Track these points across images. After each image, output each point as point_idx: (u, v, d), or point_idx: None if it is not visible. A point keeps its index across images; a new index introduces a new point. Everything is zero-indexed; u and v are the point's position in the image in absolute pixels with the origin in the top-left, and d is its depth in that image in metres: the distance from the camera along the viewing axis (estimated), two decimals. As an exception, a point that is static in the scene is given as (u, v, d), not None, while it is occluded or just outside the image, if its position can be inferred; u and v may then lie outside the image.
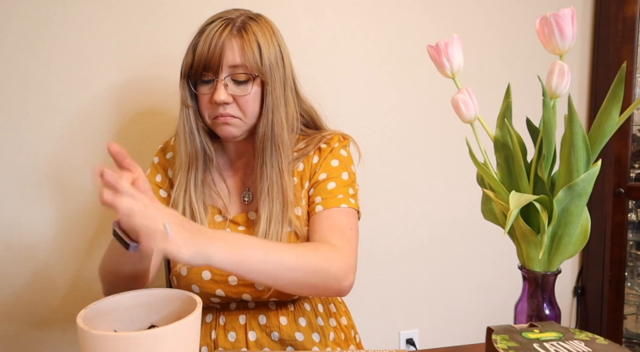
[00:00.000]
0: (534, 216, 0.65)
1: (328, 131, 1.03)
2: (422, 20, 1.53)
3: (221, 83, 0.89)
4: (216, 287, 0.92)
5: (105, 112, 1.27)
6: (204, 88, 0.91)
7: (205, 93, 0.91)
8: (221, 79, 0.89)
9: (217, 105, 0.90)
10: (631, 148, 1.69)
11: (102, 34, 1.25)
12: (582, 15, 1.69)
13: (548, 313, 0.68)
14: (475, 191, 0.78)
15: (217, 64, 0.88)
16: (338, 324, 1.01)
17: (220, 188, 1.00)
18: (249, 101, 0.91)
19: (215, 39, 0.88)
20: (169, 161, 1.03)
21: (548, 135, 0.65)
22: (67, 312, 1.29)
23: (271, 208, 0.92)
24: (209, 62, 0.88)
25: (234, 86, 0.90)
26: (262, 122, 0.92)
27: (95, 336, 0.57)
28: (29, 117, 1.23)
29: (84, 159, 1.27)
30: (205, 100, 0.92)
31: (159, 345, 0.57)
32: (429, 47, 0.69)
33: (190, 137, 0.95)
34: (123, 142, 1.29)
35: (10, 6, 1.19)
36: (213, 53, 0.88)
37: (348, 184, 0.96)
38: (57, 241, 1.27)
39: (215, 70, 0.89)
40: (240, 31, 0.89)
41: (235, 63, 0.88)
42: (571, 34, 0.61)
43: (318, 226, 0.92)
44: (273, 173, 0.93)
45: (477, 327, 1.66)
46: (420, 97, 1.56)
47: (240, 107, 0.91)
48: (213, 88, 0.90)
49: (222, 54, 0.88)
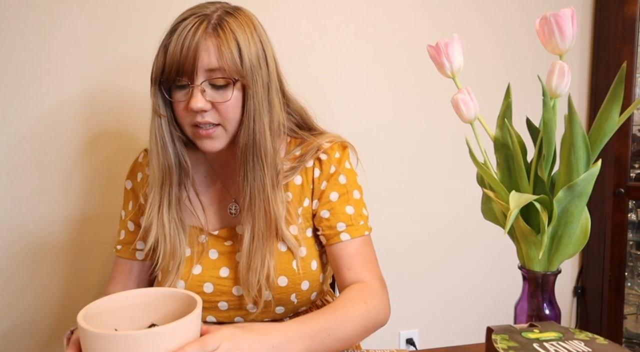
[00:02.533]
0: (534, 216, 0.65)
1: (325, 136, 0.95)
2: (422, 20, 1.53)
3: (197, 89, 0.79)
4: (206, 314, 0.90)
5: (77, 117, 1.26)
6: (179, 94, 0.82)
7: (180, 100, 0.82)
8: (197, 84, 0.79)
9: (194, 112, 0.81)
10: (631, 148, 1.69)
11: (72, 35, 1.25)
12: (582, 15, 1.69)
13: (548, 313, 0.68)
14: (475, 191, 0.77)
15: (191, 68, 0.78)
16: None
17: (194, 204, 0.92)
18: (229, 107, 0.82)
19: (189, 39, 0.78)
20: (140, 184, 0.95)
21: (548, 135, 0.64)
22: (64, 314, 1.29)
23: (254, 224, 0.85)
24: (183, 65, 0.78)
25: (212, 91, 0.81)
26: (243, 130, 0.83)
27: (96, 334, 0.57)
28: (18, 118, 1.23)
29: (51, 163, 1.26)
30: (181, 107, 0.82)
31: (159, 344, 0.57)
32: (429, 47, 0.69)
33: (163, 149, 0.85)
34: (115, 144, 1.29)
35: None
36: (186, 55, 0.78)
37: (362, 205, 0.93)
38: (53, 242, 1.27)
39: (190, 74, 0.79)
40: (216, 29, 0.79)
41: (212, 66, 0.79)
42: (571, 34, 0.61)
43: (349, 260, 0.89)
44: (255, 187, 0.84)
45: (477, 327, 1.66)
46: (420, 97, 1.56)
47: (220, 113, 0.82)
48: (189, 94, 0.80)
49: (196, 57, 0.78)
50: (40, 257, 1.26)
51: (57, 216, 1.26)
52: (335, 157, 0.92)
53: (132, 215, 0.96)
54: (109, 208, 1.28)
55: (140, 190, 0.95)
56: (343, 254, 0.89)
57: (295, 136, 0.95)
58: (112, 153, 1.29)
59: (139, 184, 0.96)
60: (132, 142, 1.29)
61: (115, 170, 1.27)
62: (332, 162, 0.92)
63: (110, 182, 1.28)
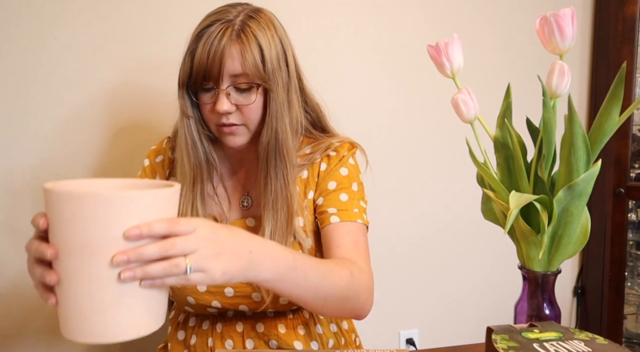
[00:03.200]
0: (534, 216, 0.65)
1: (336, 137, 0.99)
2: (422, 20, 1.53)
3: (223, 93, 0.84)
4: (212, 299, 0.90)
5: (97, 118, 1.27)
6: (205, 97, 0.87)
7: (207, 102, 0.87)
8: (222, 88, 0.84)
9: (219, 114, 0.86)
10: (631, 148, 1.69)
11: (96, 35, 1.25)
12: (582, 15, 1.69)
13: (548, 313, 0.68)
14: (475, 191, 0.78)
15: (217, 74, 0.83)
16: (339, 329, 1.00)
17: (219, 194, 0.96)
18: (252, 109, 0.87)
19: (215, 46, 0.82)
20: (158, 164, 1.00)
21: (548, 135, 0.65)
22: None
23: (276, 220, 0.88)
24: (209, 71, 0.83)
25: (237, 94, 0.86)
26: (265, 130, 0.88)
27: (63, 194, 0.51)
28: (18, 119, 1.23)
29: (72, 163, 1.27)
30: (207, 109, 0.88)
31: (130, 210, 0.52)
32: (429, 47, 0.69)
33: (193, 149, 0.90)
34: (116, 147, 1.29)
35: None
36: (213, 62, 0.83)
37: (359, 197, 0.94)
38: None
39: (216, 79, 0.84)
40: (239, 35, 0.84)
41: (236, 72, 0.84)
42: (571, 34, 0.61)
43: (340, 239, 0.88)
44: (278, 184, 0.89)
45: (477, 327, 1.66)
46: (420, 97, 1.56)
47: (244, 115, 0.87)
48: (215, 97, 0.86)
49: (222, 63, 0.83)
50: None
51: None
52: (344, 154, 0.96)
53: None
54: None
55: (158, 170, 0.99)
56: (333, 234, 0.89)
57: (309, 136, 0.99)
58: (130, 150, 1.29)
59: (158, 165, 1.00)
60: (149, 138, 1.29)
61: (133, 167, 1.27)
62: (338, 158, 0.96)
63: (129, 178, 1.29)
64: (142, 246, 0.52)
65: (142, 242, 0.53)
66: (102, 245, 0.51)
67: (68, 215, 0.51)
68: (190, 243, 0.55)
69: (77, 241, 0.51)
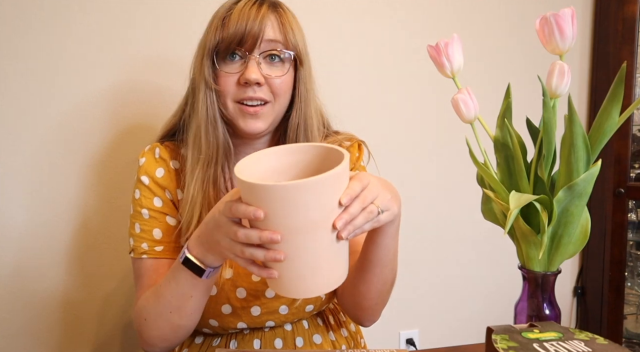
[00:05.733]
0: (534, 216, 0.65)
1: (342, 134, 0.97)
2: (422, 20, 1.53)
3: (254, 60, 0.79)
4: (237, 321, 0.86)
5: (101, 116, 1.27)
6: (230, 66, 0.81)
7: (232, 72, 0.81)
8: (255, 56, 0.79)
9: (246, 86, 0.80)
10: (631, 148, 1.69)
11: (98, 35, 1.25)
12: (582, 15, 1.69)
13: (548, 313, 0.68)
14: (476, 191, 0.77)
15: (254, 38, 0.78)
16: (349, 333, 0.99)
17: (229, 188, 0.89)
18: (283, 83, 0.82)
19: (254, 12, 0.79)
20: (164, 179, 0.87)
21: (548, 135, 0.64)
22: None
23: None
24: (247, 35, 0.78)
25: (268, 66, 0.81)
26: (295, 112, 0.85)
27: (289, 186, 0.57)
28: (21, 118, 1.23)
29: (74, 163, 1.26)
30: (230, 81, 0.81)
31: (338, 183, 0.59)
32: (429, 47, 0.69)
33: (213, 125, 0.83)
34: (121, 146, 1.29)
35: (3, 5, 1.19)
36: (252, 26, 0.78)
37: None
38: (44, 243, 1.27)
39: (251, 45, 0.79)
40: (276, 8, 0.82)
41: (275, 38, 0.80)
42: (571, 34, 0.61)
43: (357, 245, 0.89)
44: None
45: (477, 327, 1.66)
46: (420, 97, 1.56)
47: (273, 89, 0.81)
48: (244, 66, 0.80)
49: (261, 28, 0.79)
50: (75, 254, 1.26)
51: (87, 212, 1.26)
52: (355, 156, 0.96)
53: (168, 209, 0.88)
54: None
55: (167, 185, 0.88)
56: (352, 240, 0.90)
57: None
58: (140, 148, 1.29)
59: (164, 179, 0.88)
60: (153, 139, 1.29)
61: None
62: (352, 161, 0.95)
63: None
64: (349, 207, 0.61)
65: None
66: (323, 219, 0.59)
67: (293, 202, 0.57)
68: (373, 192, 0.64)
69: (301, 221, 0.58)
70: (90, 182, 1.27)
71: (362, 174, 0.65)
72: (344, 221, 0.60)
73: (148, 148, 0.92)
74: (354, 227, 0.61)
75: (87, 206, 1.28)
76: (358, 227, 0.62)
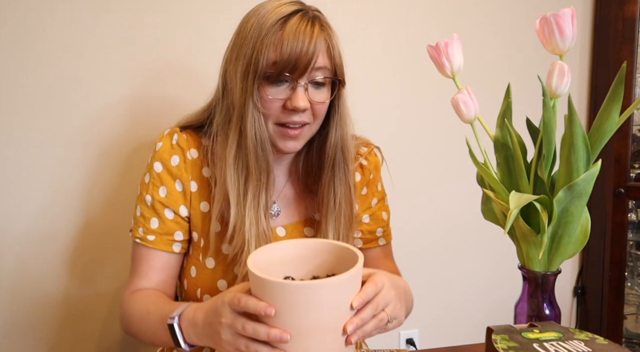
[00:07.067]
0: (534, 216, 0.65)
1: (359, 139, 0.97)
2: (422, 20, 1.52)
3: (302, 88, 0.78)
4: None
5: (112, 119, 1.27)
6: (277, 91, 0.78)
7: (277, 97, 0.78)
8: (303, 83, 0.78)
9: (292, 112, 0.79)
10: (631, 148, 1.69)
11: (110, 37, 1.25)
12: (582, 15, 1.69)
13: (548, 313, 0.68)
14: (476, 191, 0.77)
15: (307, 65, 0.76)
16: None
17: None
18: (324, 107, 0.81)
19: (308, 37, 0.76)
20: (178, 168, 0.86)
21: (548, 135, 0.64)
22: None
23: (337, 226, 0.85)
24: (300, 61, 0.76)
25: (313, 91, 0.80)
26: (333, 130, 0.84)
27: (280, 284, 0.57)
28: (31, 121, 1.23)
29: (75, 164, 1.27)
30: (276, 105, 0.79)
31: (339, 291, 0.59)
32: (429, 47, 0.69)
33: (262, 149, 0.80)
34: (133, 153, 1.29)
35: (12, 8, 1.18)
36: (307, 52, 0.75)
37: (389, 210, 0.99)
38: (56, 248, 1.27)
39: (302, 71, 0.77)
40: (324, 28, 0.79)
41: (324, 65, 0.79)
42: (571, 34, 0.61)
43: (384, 265, 0.94)
44: (341, 188, 0.85)
45: (477, 327, 1.65)
46: (420, 97, 1.55)
47: (315, 113, 0.81)
48: (291, 91, 0.78)
49: (314, 53, 0.76)
50: (76, 254, 1.26)
51: (88, 213, 1.26)
52: (374, 163, 0.98)
53: (170, 202, 0.86)
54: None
55: (180, 175, 0.86)
56: (380, 256, 0.95)
57: None
58: (144, 153, 1.28)
59: (177, 168, 0.86)
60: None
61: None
62: (371, 168, 0.97)
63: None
64: (361, 312, 0.60)
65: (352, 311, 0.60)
66: (334, 321, 0.59)
67: (305, 302, 0.57)
68: (386, 298, 0.64)
69: (312, 322, 0.57)
70: (91, 183, 1.27)
71: (377, 277, 0.64)
72: (354, 326, 0.59)
73: (167, 132, 0.90)
74: (363, 333, 0.61)
75: (88, 206, 1.28)
76: (367, 334, 0.62)
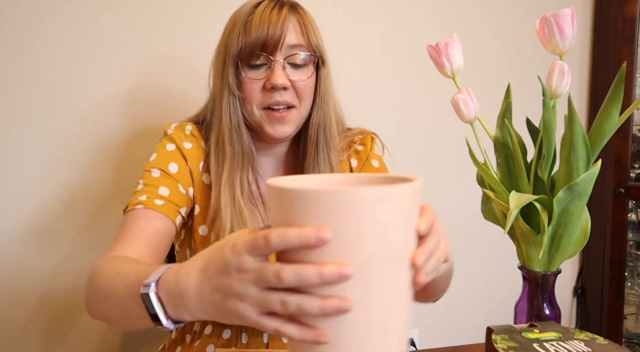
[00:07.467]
0: (534, 216, 0.65)
1: (354, 129, 0.98)
2: (423, 20, 1.52)
3: (279, 64, 0.79)
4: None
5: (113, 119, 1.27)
6: (254, 73, 0.80)
7: (256, 78, 0.80)
8: (279, 60, 0.79)
9: (272, 91, 0.80)
10: (631, 148, 1.69)
11: (109, 37, 1.25)
12: (582, 15, 1.69)
13: (548, 313, 0.68)
14: (476, 191, 0.77)
15: (276, 43, 0.78)
16: None
17: (254, 192, 0.87)
18: (307, 86, 0.82)
19: (275, 16, 0.79)
20: (189, 153, 0.86)
21: (548, 135, 0.65)
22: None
23: None
24: (269, 41, 0.78)
25: (292, 70, 0.81)
26: (315, 111, 0.85)
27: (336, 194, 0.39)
28: (31, 120, 1.23)
29: (76, 164, 1.27)
30: (255, 87, 0.80)
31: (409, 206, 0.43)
32: (429, 47, 0.69)
33: (238, 132, 0.82)
34: (132, 148, 1.29)
35: (12, 8, 1.19)
36: (274, 31, 0.78)
37: None
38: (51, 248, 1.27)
39: (272, 50, 0.79)
40: (296, 9, 0.83)
41: (298, 42, 0.80)
42: (571, 34, 0.61)
43: None
44: (325, 171, 0.85)
45: (477, 327, 1.65)
46: (420, 97, 1.55)
47: (298, 93, 0.81)
48: (269, 71, 0.80)
49: (282, 32, 0.78)
50: (76, 254, 1.26)
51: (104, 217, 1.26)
52: (369, 146, 0.97)
53: (180, 178, 0.84)
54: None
55: (192, 159, 0.86)
56: None
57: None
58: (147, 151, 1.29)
59: (191, 152, 0.86)
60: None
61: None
62: (367, 151, 0.97)
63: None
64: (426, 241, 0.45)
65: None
66: (402, 250, 0.42)
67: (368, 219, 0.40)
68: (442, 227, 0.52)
69: (377, 249, 0.41)
70: (91, 183, 1.27)
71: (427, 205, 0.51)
72: (424, 257, 0.44)
73: (175, 125, 0.89)
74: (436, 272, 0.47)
75: (88, 206, 1.28)
76: (429, 273, 0.46)
